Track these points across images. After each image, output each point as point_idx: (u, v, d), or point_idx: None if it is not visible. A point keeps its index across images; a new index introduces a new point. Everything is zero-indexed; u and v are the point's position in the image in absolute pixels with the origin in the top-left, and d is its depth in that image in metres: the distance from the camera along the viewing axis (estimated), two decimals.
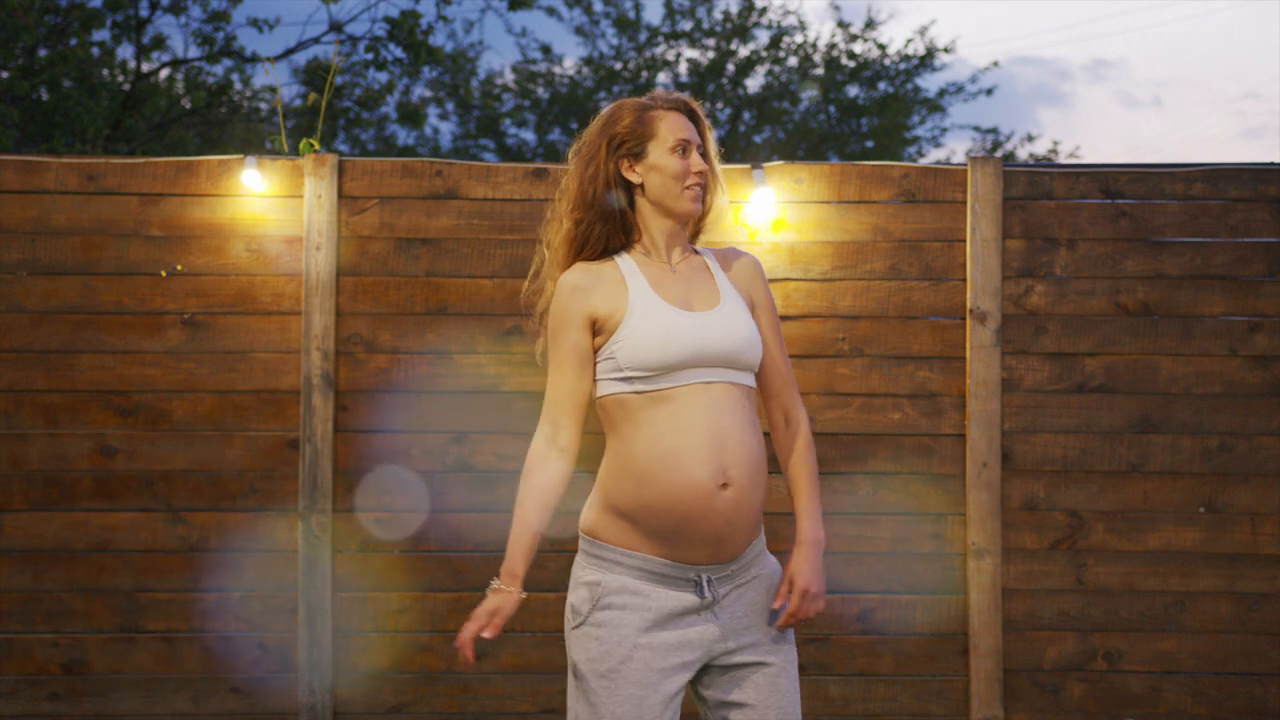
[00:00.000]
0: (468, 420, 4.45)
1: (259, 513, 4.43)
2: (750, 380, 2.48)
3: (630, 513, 2.40)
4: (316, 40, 10.26)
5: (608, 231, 2.52)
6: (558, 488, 2.49)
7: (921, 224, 4.50)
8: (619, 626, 2.39)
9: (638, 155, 2.51)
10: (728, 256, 2.60)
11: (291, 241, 4.49)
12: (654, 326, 2.41)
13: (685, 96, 2.57)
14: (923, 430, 4.45)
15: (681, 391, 2.39)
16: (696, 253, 2.60)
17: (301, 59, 20.47)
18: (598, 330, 2.47)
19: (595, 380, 2.47)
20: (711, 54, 15.68)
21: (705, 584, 2.41)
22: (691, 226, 2.64)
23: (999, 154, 15.96)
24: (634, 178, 2.52)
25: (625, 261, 2.51)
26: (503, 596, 2.42)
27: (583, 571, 2.46)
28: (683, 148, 2.50)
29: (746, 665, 2.45)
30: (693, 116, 2.56)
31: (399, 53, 9.71)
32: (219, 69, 11.76)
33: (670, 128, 2.51)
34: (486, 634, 2.41)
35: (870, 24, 15.64)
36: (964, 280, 4.47)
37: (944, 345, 4.47)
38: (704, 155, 2.56)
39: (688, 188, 2.51)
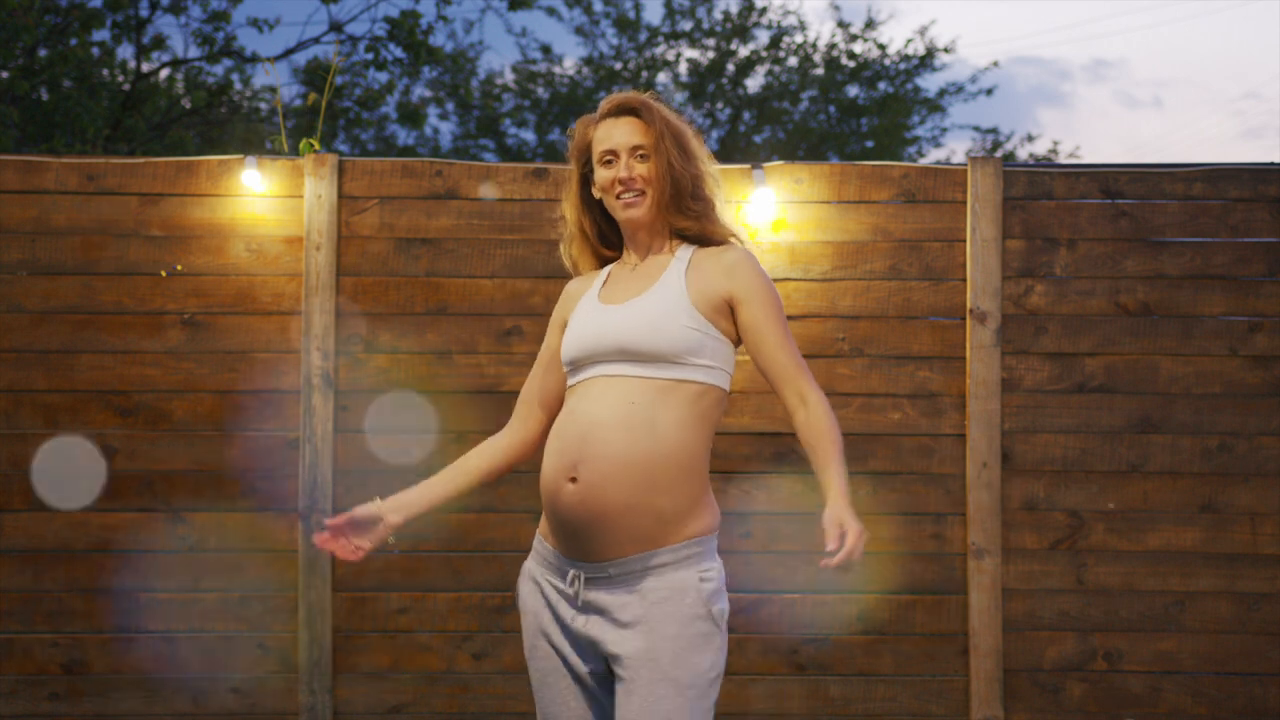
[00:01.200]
0: (468, 420, 4.45)
1: (259, 513, 4.43)
2: (673, 372, 2.35)
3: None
4: (316, 40, 10.26)
5: (591, 246, 2.58)
6: (487, 461, 2.67)
7: (921, 224, 4.50)
8: (529, 614, 2.52)
9: (591, 173, 2.53)
10: (711, 253, 2.47)
11: (291, 241, 4.49)
12: (575, 323, 2.48)
13: (623, 96, 2.50)
14: (923, 430, 4.45)
15: (585, 384, 2.42)
16: (674, 251, 2.50)
17: (301, 59, 20.46)
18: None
19: None
20: (711, 54, 15.68)
21: (571, 578, 2.40)
22: (674, 229, 2.52)
23: (999, 154, 15.96)
24: (596, 194, 2.53)
25: (608, 269, 2.56)
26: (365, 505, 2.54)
27: None
28: (608, 158, 2.47)
29: (620, 678, 2.35)
30: (635, 114, 2.47)
31: (399, 53, 9.71)
32: (219, 69, 11.76)
33: (598, 139, 2.49)
34: (325, 521, 2.51)
35: (870, 24, 15.63)
36: (964, 280, 4.47)
37: (944, 345, 4.47)
38: (653, 153, 2.44)
39: (618, 197, 2.46)
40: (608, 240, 2.58)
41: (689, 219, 2.47)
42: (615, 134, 2.46)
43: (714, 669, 2.33)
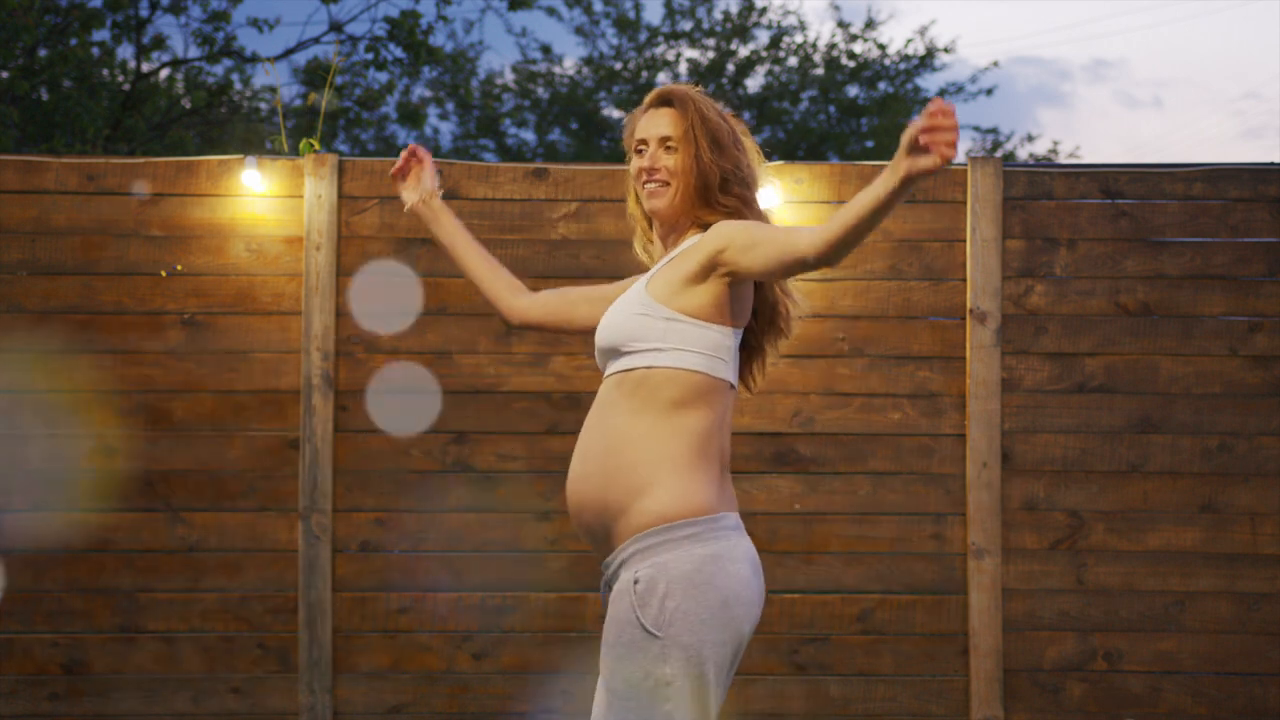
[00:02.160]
0: (468, 420, 4.45)
1: (259, 513, 4.43)
2: (621, 362, 2.34)
3: None
4: (316, 40, 10.26)
5: (644, 233, 2.58)
6: (498, 277, 2.92)
7: (921, 224, 4.50)
8: None
9: None
10: (698, 237, 2.43)
11: (291, 241, 4.49)
12: None
13: (665, 88, 2.48)
14: (923, 430, 4.45)
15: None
16: (679, 243, 2.47)
17: (301, 59, 20.47)
18: None
19: None
20: (711, 54, 15.68)
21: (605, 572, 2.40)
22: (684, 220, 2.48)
23: (999, 154, 15.96)
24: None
25: None
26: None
27: None
28: (640, 147, 2.46)
29: None
30: (670, 105, 2.45)
31: (399, 53, 9.71)
32: (219, 69, 11.75)
33: (636, 129, 2.48)
34: (414, 144, 2.71)
35: (870, 24, 15.64)
36: (964, 280, 4.47)
37: (944, 345, 4.47)
38: (681, 145, 2.41)
39: (643, 185, 2.45)
40: None
41: (720, 214, 2.41)
42: (649, 124, 2.45)
43: (650, 678, 2.19)
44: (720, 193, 2.41)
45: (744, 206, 2.43)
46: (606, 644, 2.24)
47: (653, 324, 2.31)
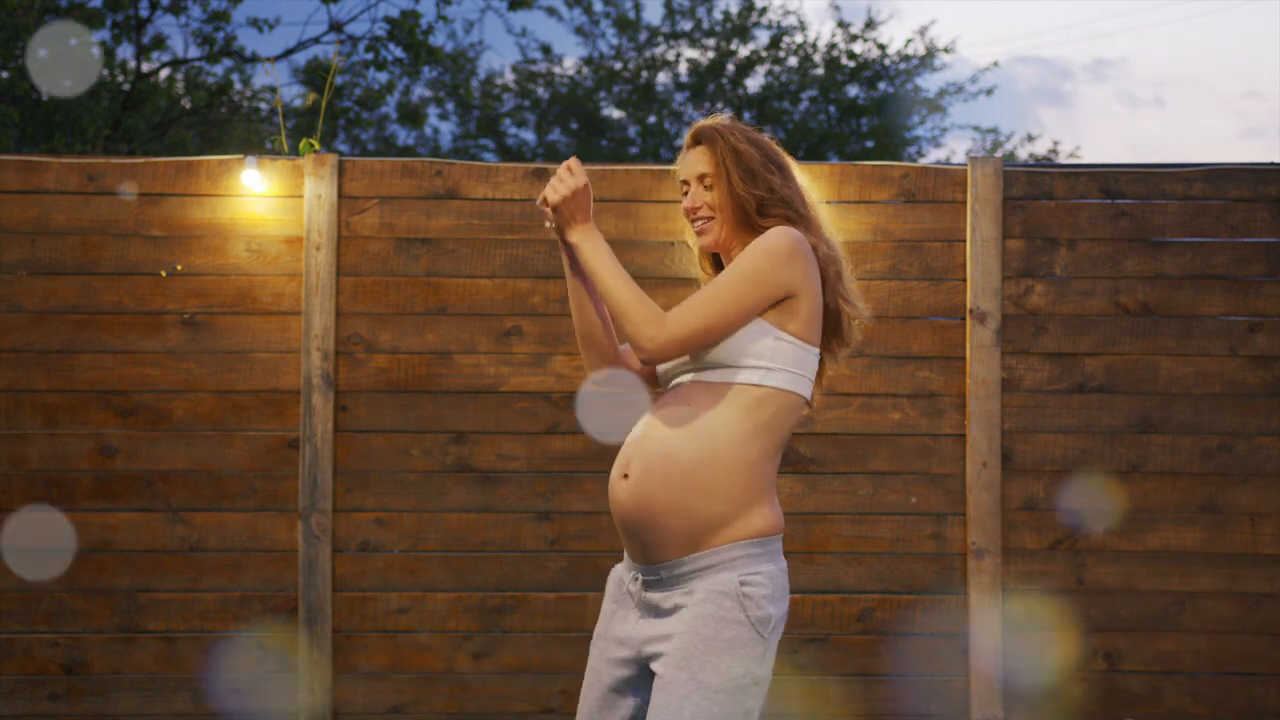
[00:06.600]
0: (468, 420, 4.45)
1: (259, 513, 4.43)
2: (731, 376, 2.39)
3: None
4: (316, 40, 10.27)
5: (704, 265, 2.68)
6: (604, 333, 2.60)
7: (921, 224, 4.50)
8: (601, 616, 2.53)
9: None
10: None
11: (291, 241, 4.49)
12: None
13: (696, 125, 2.56)
14: (923, 430, 4.45)
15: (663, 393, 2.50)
16: None
17: (301, 59, 20.48)
18: None
19: None
20: (711, 54, 15.68)
21: (632, 579, 2.43)
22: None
23: (999, 154, 15.96)
24: None
25: None
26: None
27: None
28: (684, 188, 2.56)
29: (657, 675, 2.38)
30: (701, 143, 2.53)
31: (399, 53, 9.72)
32: (219, 69, 11.76)
33: (680, 172, 2.57)
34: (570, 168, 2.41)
35: (870, 24, 15.63)
36: (964, 280, 4.47)
37: (944, 345, 4.48)
38: (716, 180, 2.50)
39: (692, 223, 2.55)
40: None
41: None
42: (687, 165, 2.54)
43: (748, 675, 2.32)
44: (760, 216, 2.51)
45: (788, 224, 2.53)
46: (700, 638, 2.32)
47: (763, 342, 2.40)
